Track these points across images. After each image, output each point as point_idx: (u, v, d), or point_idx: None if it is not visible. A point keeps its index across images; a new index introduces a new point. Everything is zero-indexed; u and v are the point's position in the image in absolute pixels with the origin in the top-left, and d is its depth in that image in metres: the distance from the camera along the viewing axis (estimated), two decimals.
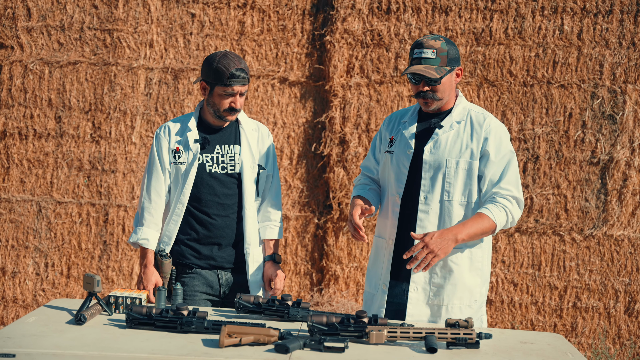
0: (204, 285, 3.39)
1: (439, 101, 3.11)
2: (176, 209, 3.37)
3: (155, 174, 3.39)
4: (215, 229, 3.39)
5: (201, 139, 3.38)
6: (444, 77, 3.07)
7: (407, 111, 3.29)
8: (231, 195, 3.40)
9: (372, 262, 3.28)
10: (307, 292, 5.67)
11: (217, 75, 3.29)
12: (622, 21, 5.29)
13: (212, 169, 3.38)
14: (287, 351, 2.50)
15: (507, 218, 3.01)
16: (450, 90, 3.12)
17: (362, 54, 5.56)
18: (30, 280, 5.72)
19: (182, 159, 3.37)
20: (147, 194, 3.38)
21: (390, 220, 3.17)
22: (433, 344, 2.59)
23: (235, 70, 3.26)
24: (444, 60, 3.07)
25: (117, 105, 5.66)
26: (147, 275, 3.33)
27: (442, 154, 3.08)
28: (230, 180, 3.40)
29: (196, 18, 5.63)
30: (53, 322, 2.79)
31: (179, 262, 3.39)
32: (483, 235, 3.01)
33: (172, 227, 3.38)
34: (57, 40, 5.69)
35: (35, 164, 5.73)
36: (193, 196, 3.37)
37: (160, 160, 3.39)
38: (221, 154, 3.40)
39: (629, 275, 5.34)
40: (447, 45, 3.08)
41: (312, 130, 5.69)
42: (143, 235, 3.36)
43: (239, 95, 3.31)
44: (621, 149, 5.30)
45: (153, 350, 2.49)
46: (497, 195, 3.02)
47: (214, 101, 3.34)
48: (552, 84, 5.38)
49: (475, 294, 3.10)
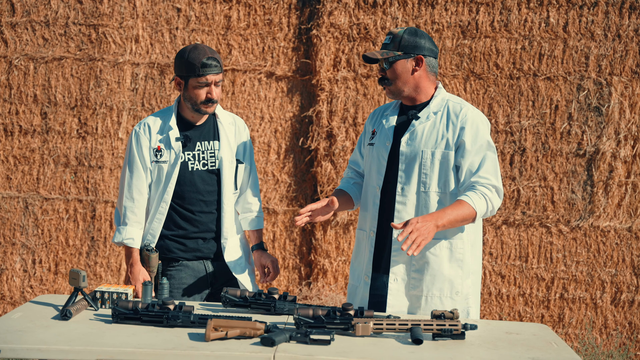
0: (191, 277, 3.39)
1: (391, 87, 3.12)
2: (160, 207, 3.36)
3: (137, 172, 3.35)
4: (199, 224, 3.40)
5: (182, 137, 3.36)
6: (395, 62, 3.09)
7: (390, 105, 3.31)
8: (212, 191, 3.41)
9: (355, 255, 3.30)
10: (295, 286, 5.68)
11: (189, 67, 3.27)
12: (607, 13, 5.31)
13: (194, 167, 3.38)
14: (273, 344, 2.50)
15: (487, 206, 3.01)
16: (406, 77, 3.11)
17: (348, 48, 5.55)
18: (17, 277, 5.69)
19: (164, 157, 3.35)
20: (129, 192, 3.35)
21: (370, 213, 3.18)
22: (419, 335, 2.60)
23: (206, 59, 3.25)
24: (395, 45, 3.09)
25: (103, 101, 5.64)
26: (134, 274, 3.33)
27: (418, 145, 3.08)
28: (210, 176, 3.41)
29: (182, 13, 5.61)
30: (38, 317, 2.79)
31: (164, 257, 3.39)
32: (463, 223, 3.00)
33: (155, 225, 3.37)
34: (41, 36, 5.65)
35: (22, 160, 5.70)
36: (176, 194, 3.37)
37: (140, 158, 3.35)
38: (202, 151, 3.40)
39: (615, 266, 5.37)
40: (407, 33, 3.10)
41: (299, 124, 5.69)
42: (128, 234, 3.34)
43: (214, 85, 3.30)
44: (607, 141, 5.32)
45: (139, 345, 2.49)
46: (476, 184, 3.02)
47: (189, 95, 3.32)
48: (538, 77, 5.40)
49: (457, 286, 3.09)
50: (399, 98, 3.17)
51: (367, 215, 3.21)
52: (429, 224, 2.88)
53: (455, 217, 2.95)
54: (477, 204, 2.97)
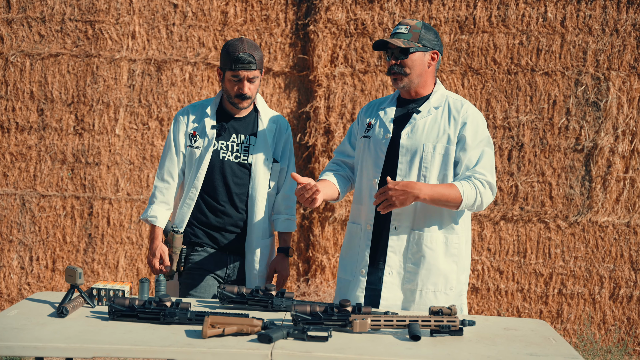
0: (212, 264, 3.43)
1: (407, 77, 3.10)
2: (190, 193, 3.42)
3: (170, 156, 3.45)
4: (224, 215, 3.43)
5: (218, 126, 3.42)
6: (414, 52, 3.08)
7: (386, 98, 3.30)
8: (242, 184, 3.43)
9: (346, 249, 3.26)
10: (293, 282, 5.67)
11: (226, 60, 3.34)
12: (605, 8, 5.30)
13: (226, 157, 3.42)
14: (270, 341, 2.49)
15: (476, 199, 3.01)
16: (421, 70, 3.11)
17: (345, 44, 5.54)
18: (15, 274, 5.68)
19: (197, 143, 3.43)
20: (161, 173, 3.46)
21: (366, 206, 3.16)
22: (417, 331, 2.59)
23: (242, 54, 3.29)
24: (415, 37, 3.09)
25: (100, 98, 5.62)
26: (153, 249, 3.41)
27: (419, 138, 3.08)
28: (242, 170, 3.43)
29: (178, 9, 5.59)
30: (35, 315, 2.77)
31: (189, 241, 3.44)
32: (446, 205, 3.00)
33: (185, 210, 3.43)
34: (37, 32, 5.63)
35: (18, 157, 5.69)
36: (206, 181, 3.42)
37: (175, 142, 3.45)
38: (236, 143, 3.43)
39: (613, 262, 5.37)
40: (424, 27, 3.11)
41: (296, 120, 5.67)
42: (152, 212, 3.43)
43: (247, 80, 3.33)
44: (605, 136, 5.31)
45: (135, 342, 2.47)
46: (471, 177, 3.03)
47: (225, 87, 3.39)
48: (536, 72, 5.38)
49: (452, 281, 3.09)
50: (406, 89, 3.15)
51: (362, 208, 3.19)
52: (409, 193, 2.93)
53: (440, 196, 2.97)
54: (466, 192, 2.98)
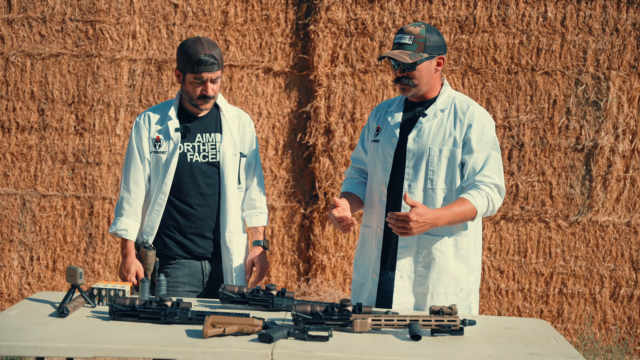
0: (187, 276, 3.37)
1: (415, 87, 3.10)
2: (158, 199, 3.33)
3: (134, 164, 3.34)
4: (196, 219, 3.36)
5: (182, 128, 3.33)
6: (420, 63, 3.06)
7: (394, 101, 3.29)
8: (212, 184, 3.37)
9: (359, 252, 3.28)
10: (294, 282, 5.67)
11: (187, 62, 3.23)
12: (605, 7, 5.30)
13: (194, 158, 3.34)
14: (271, 340, 2.49)
15: (489, 206, 3.02)
16: (428, 77, 3.10)
17: (346, 43, 5.54)
18: (15, 274, 5.68)
19: (162, 148, 3.33)
20: (126, 184, 3.34)
21: (376, 210, 3.17)
22: (417, 331, 2.59)
23: (203, 56, 3.20)
24: (420, 47, 3.06)
25: (101, 97, 5.62)
26: (127, 265, 3.32)
27: (426, 142, 3.08)
28: (211, 169, 3.36)
29: (179, 8, 5.60)
30: (35, 315, 2.77)
31: (162, 254, 3.37)
32: (463, 221, 3.02)
33: (154, 217, 3.35)
34: (38, 32, 5.63)
35: (19, 157, 5.69)
36: (174, 186, 3.33)
37: (139, 149, 3.34)
38: (202, 143, 3.36)
39: (614, 261, 5.37)
40: (428, 33, 3.07)
41: (297, 120, 5.67)
42: (122, 225, 3.32)
43: (210, 81, 3.25)
44: (605, 135, 5.31)
45: (136, 342, 2.48)
46: (480, 183, 3.02)
47: (186, 89, 3.30)
48: (536, 71, 5.38)
49: (462, 282, 3.10)
50: (414, 96, 3.14)
51: (373, 212, 3.20)
52: (427, 225, 2.91)
53: (456, 218, 2.97)
54: (479, 204, 2.98)
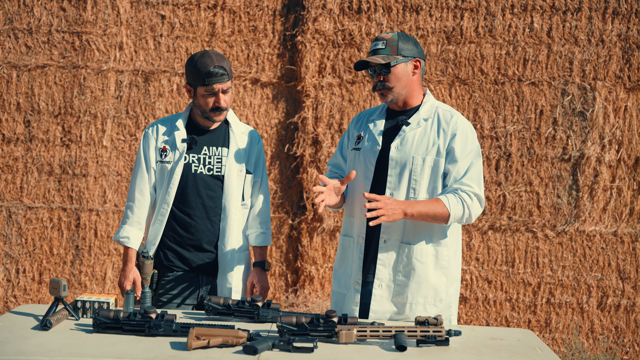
0: (183, 289, 3.36)
1: (392, 91, 3.10)
2: (161, 209, 3.35)
3: (140, 173, 3.38)
4: (195, 231, 3.35)
5: (189, 139, 3.36)
6: (394, 65, 3.07)
7: (376, 109, 3.29)
8: (215, 197, 3.37)
9: (339, 262, 3.26)
10: (282, 293, 5.65)
11: (197, 76, 3.28)
12: (590, 18, 5.33)
13: (198, 170, 3.36)
14: (255, 352, 2.48)
15: (464, 212, 3.01)
16: (406, 81, 3.11)
17: (333, 54, 5.55)
18: (1, 287, 5.64)
19: (168, 158, 3.36)
20: (132, 192, 3.38)
21: (358, 219, 3.16)
22: (403, 342, 2.58)
23: (213, 68, 3.24)
24: (393, 50, 3.09)
25: (87, 109, 5.60)
26: (125, 272, 3.33)
27: (409, 151, 3.08)
28: (215, 182, 3.37)
29: (166, 20, 5.59)
30: (18, 328, 2.75)
31: (162, 265, 3.37)
32: (434, 220, 3.01)
33: (157, 227, 3.36)
34: (24, 44, 5.61)
35: (5, 169, 5.66)
36: (177, 196, 3.35)
37: (146, 159, 3.38)
38: (208, 155, 3.38)
39: (601, 271, 5.38)
40: (400, 38, 3.10)
41: (284, 131, 5.67)
42: (124, 233, 3.35)
43: (222, 92, 3.29)
44: (592, 145, 5.34)
45: (120, 354, 2.46)
46: (458, 190, 3.03)
47: (199, 102, 3.33)
48: (523, 82, 5.41)
49: (441, 293, 3.09)
50: (394, 101, 3.14)
51: (354, 221, 3.19)
52: (398, 207, 2.92)
53: (427, 212, 2.97)
54: (453, 207, 2.98)
